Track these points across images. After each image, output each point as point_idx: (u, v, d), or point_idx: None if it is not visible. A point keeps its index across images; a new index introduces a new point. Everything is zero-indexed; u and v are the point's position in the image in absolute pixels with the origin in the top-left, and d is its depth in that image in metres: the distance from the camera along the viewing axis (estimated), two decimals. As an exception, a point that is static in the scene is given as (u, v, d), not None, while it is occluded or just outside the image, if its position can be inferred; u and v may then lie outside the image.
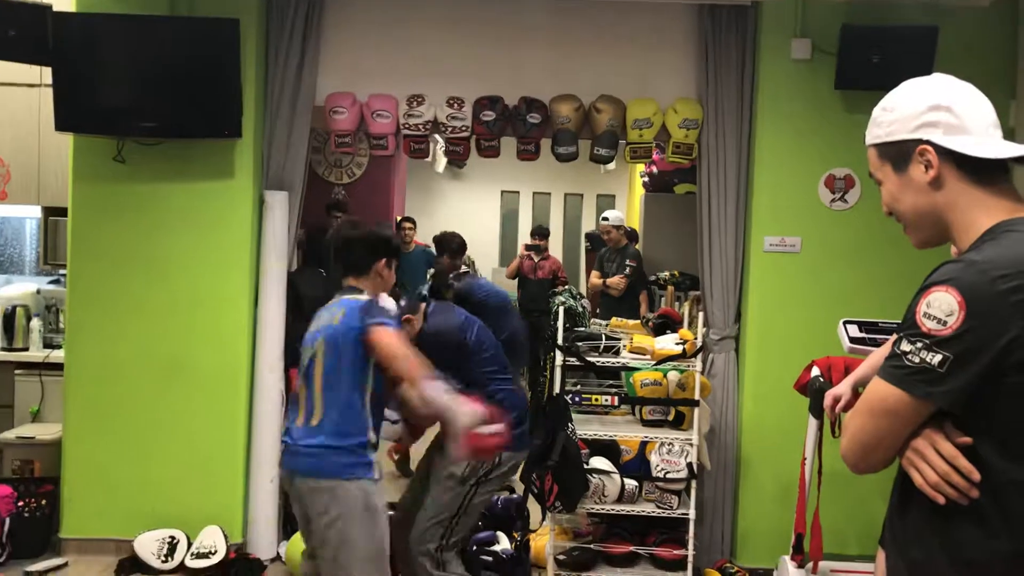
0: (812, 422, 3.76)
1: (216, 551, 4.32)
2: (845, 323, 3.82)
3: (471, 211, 11.23)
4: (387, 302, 3.14)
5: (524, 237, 11.52)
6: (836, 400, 3.21)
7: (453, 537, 3.42)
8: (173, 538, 4.37)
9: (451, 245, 6.47)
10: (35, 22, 4.12)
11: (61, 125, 4.17)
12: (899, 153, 1.56)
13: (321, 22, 4.53)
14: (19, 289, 5.26)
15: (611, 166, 9.25)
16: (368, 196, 9.11)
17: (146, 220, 4.43)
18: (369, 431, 2.91)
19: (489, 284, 4.11)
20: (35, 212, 5.31)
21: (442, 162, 10.38)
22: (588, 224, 11.14)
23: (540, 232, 8.72)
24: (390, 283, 3.13)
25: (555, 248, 9.97)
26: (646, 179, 8.22)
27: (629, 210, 9.65)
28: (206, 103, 4.21)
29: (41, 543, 4.42)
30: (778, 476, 4.38)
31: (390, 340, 2.85)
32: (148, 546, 4.33)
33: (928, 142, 1.52)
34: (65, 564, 4.33)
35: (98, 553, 4.37)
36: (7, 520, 4.30)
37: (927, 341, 1.42)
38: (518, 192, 11.60)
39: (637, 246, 7.43)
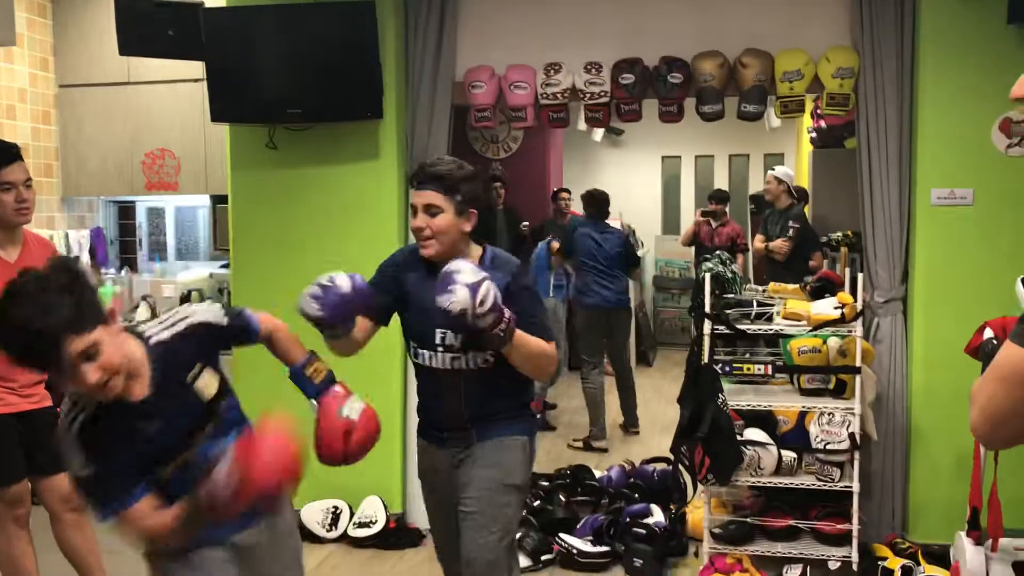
0: (986, 388, 3.46)
1: (376, 521, 4.47)
2: (1024, 280, 3.50)
3: (631, 178, 11.03)
4: None
5: (687, 203, 11.26)
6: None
7: (515, 551, 2.83)
8: (336, 508, 4.55)
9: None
10: (190, 20, 4.34)
11: (216, 116, 4.38)
12: None
13: (457, -3, 4.54)
14: (194, 274, 5.61)
15: (776, 122, 8.82)
16: (525, 169, 9.14)
17: (298, 203, 4.59)
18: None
19: None
20: (204, 201, 5.64)
21: (599, 131, 10.25)
22: (755, 186, 10.73)
23: (717, 196, 8.43)
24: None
25: (720, 212, 9.57)
26: (813, 134, 7.81)
27: (798, 168, 9.22)
28: (348, 86, 4.30)
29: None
30: (953, 446, 4.07)
31: None
32: (314, 516, 4.53)
33: None
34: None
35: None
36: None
37: None
38: (679, 156, 11.30)
39: (807, 207, 7.10)
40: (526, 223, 8.47)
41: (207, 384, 2.14)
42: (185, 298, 5.33)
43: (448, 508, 2.79)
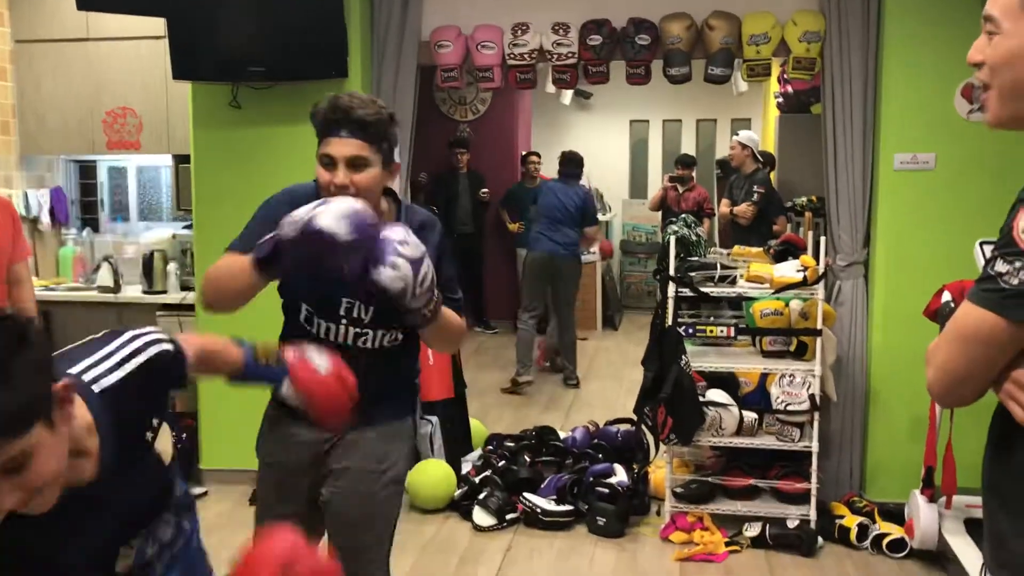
0: (943, 350, 3.52)
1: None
2: (982, 244, 3.54)
3: (599, 142, 11.01)
4: None
5: (655, 167, 11.27)
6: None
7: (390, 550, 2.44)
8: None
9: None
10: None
11: (178, 73, 4.31)
12: None
13: (424, -46, 4.47)
14: (157, 235, 5.52)
15: (743, 87, 8.86)
16: (493, 131, 9.11)
17: (262, 162, 4.54)
18: None
19: None
20: (167, 160, 5.55)
21: (568, 94, 10.19)
22: (722, 151, 10.76)
23: (684, 161, 8.47)
24: None
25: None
26: (780, 100, 7.83)
27: (764, 133, 9.25)
28: (312, 45, 4.24)
29: (184, 473, 4.67)
30: (910, 407, 4.15)
31: None
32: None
33: None
34: (205, 493, 4.59)
35: (234, 483, 4.59)
36: (152, 452, 4.57)
37: None
38: (647, 121, 11.29)
39: (772, 172, 7.14)
40: (486, 190, 8.47)
41: (165, 443, 1.56)
42: (148, 259, 5.26)
43: (295, 495, 2.35)
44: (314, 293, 2.23)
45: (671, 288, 4.06)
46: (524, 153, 8.84)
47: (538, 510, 4.20)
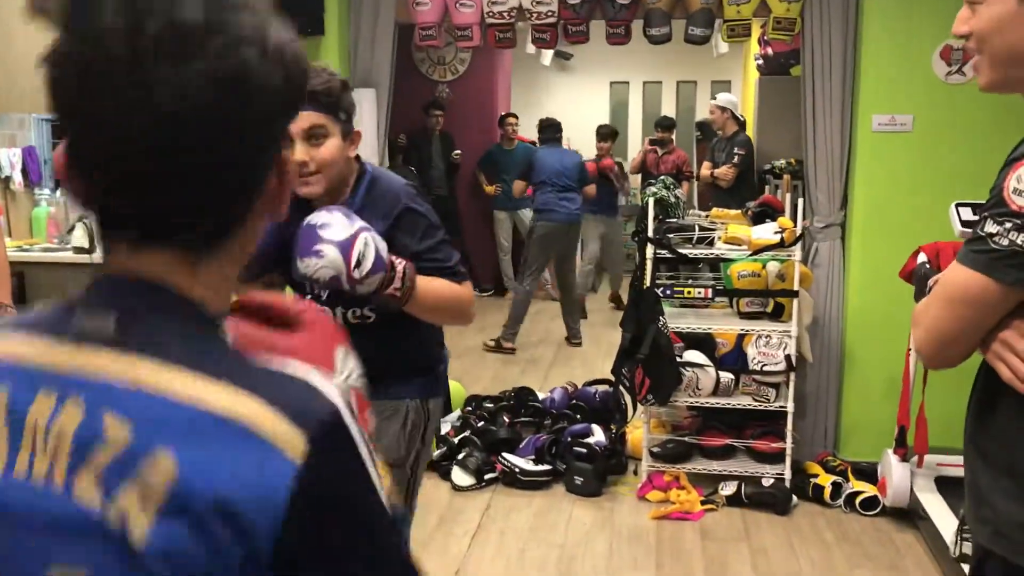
0: (917, 311, 3.56)
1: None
2: (958, 206, 3.55)
3: (579, 104, 10.95)
4: None
5: (635, 129, 11.24)
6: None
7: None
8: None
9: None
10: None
11: (151, 31, 4.23)
12: None
13: (401, -90, 4.40)
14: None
15: (724, 49, 8.84)
16: (472, 92, 9.02)
17: (238, 122, 4.49)
18: None
19: None
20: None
21: (548, 54, 10.13)
22: (702, 113, 10.73)
23: (664, 124, 8.43)
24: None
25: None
26: (760, 62, 7.81)
27: (744, 96, 9.23)
28: (288, 1, 4.17)
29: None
30: (885, 368, 4.19)
31: None
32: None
33: None
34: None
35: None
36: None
37: (1017, 221, 1.27)
38: (628, 82, 11.23)
39: (749, 133, 7.14)
40: (458, 152, 8.41)
41: None
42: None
43: None
44: (287, 273, 2.15)
45: (649, 250, 4.06)
46: (502, 114, 8.78)
47: (516, 470, 4.23)
